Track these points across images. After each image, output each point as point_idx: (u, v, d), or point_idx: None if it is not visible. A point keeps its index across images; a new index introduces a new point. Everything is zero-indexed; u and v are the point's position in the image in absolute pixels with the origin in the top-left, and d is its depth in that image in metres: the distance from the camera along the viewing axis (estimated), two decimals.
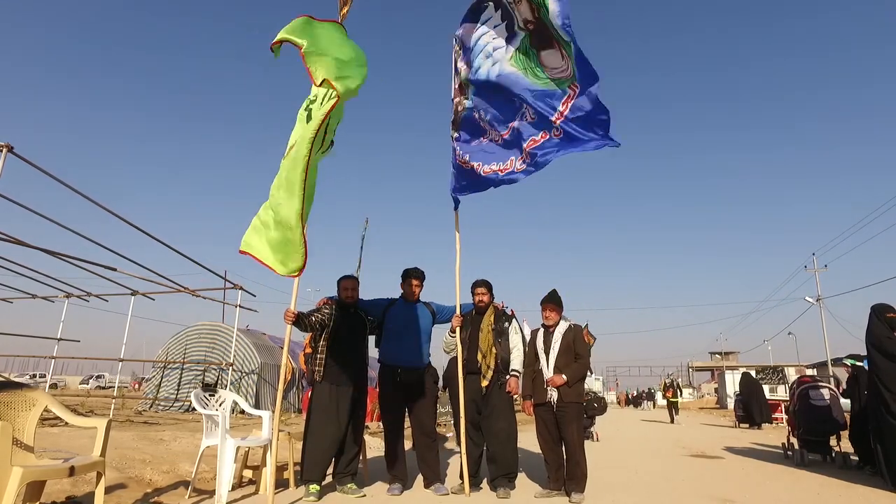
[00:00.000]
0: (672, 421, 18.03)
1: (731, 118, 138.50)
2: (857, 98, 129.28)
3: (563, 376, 4.47)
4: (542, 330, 4.79)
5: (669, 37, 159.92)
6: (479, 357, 4.69)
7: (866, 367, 5.92)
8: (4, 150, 5.28)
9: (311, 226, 3.88)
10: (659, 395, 36.51)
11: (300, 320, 4.32)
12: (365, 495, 4.40)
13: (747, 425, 15.32)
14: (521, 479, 5.10)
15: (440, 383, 5.09)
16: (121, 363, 12.48)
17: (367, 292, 4.93)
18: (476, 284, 4.98)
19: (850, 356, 7.19)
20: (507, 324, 4.89)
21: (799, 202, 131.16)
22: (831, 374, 19.50)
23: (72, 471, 2.93)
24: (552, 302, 4.75)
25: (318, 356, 4.47)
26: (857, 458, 6.79)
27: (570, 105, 4.29)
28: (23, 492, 2.87)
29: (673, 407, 18.81)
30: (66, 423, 3.33)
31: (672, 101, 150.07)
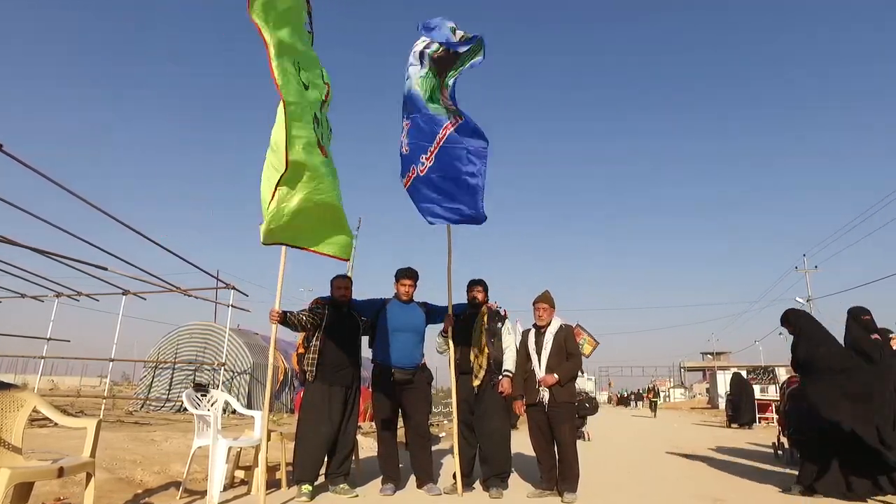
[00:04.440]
0: (654, 415, 24.67)
1: (724, 118, 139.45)
2: (854, 98, 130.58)
3: (556, 376, 4.48)
4: (533, 330, 4.80)
5: (646, 22, 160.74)
6: (472, 357, 4.69)
7: None
8: None
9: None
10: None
11: (287, 320, 4.30)
12: (357, 495, 4.39)
13: (738, 425, 15.45)
14: (514, 478, 5.11)
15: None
16: (111, 363, 12.38)
17: (360, 293, 4.93)
18: (472, 283, 4.98)
19: None
20: (500, 324, 4.90)
21: (790, 203, 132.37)
22: None
23: (61, 472, 2.90)
24: (545, 302, 4.76)
25: (311, 356, 4.45)
26: None
27: (447, 134, 4.56)
28: (10, 493, 2.84)
29: (653, 405, 26.65)
30: (56, 424, 3.30)
31: (667, 100, 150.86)
